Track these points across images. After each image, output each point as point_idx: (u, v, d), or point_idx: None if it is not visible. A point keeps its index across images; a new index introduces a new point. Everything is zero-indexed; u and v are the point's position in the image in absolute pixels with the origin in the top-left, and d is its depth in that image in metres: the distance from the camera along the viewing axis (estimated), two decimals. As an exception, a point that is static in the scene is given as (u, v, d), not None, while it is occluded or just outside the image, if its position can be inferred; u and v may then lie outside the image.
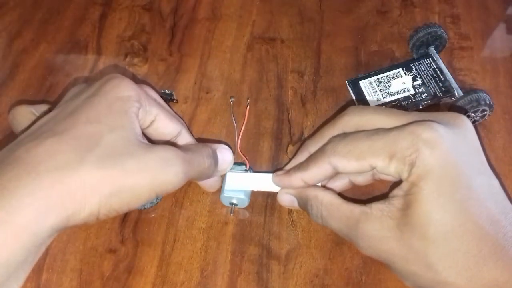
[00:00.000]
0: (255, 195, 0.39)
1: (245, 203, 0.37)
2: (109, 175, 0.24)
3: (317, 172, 0.31)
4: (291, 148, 0.42)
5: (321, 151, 0.30)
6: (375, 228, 0.27)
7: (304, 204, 0.33)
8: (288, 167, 0.35)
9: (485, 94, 0.40)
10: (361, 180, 0.34)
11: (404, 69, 0.41)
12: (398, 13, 0.51)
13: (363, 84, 0.42)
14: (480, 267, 0.24)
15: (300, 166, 0.32)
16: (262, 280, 0.35)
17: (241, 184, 0.36)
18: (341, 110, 0.44)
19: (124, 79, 0.28)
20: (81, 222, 0.24)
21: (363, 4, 0.52)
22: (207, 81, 0.46)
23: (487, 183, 0.27)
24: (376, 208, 0.28)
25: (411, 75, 0.41)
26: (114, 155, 0.24)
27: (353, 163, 0.28)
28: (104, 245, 0.37)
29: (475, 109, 0.39)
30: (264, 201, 0.39)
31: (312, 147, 0.33)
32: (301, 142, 0.42)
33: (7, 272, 0.21)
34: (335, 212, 0.30)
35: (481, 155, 0.28)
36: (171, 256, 0.36)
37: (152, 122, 0.31)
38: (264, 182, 0.36)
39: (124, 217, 0.38)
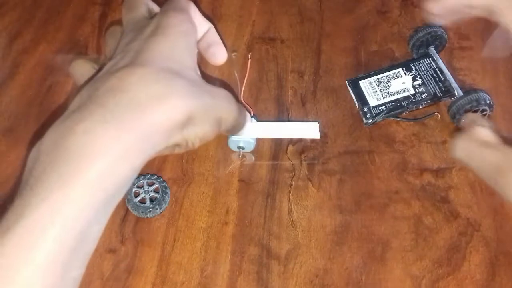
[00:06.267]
0: (255, 195, 0.39)
1: (252, 146, 0.40)
2: (195, 107, 0.25)
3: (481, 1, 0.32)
4: (291, 148, 0.42)
5: None
6: None
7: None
8: None
9: (485, 94, 0.40)
10: None
11: (404, 69, 0.41)
12: (398, 13, 0.51)
13: (363, 84, 0.42)
14: None
15: None
16: (262, 280, 0.35)
17: (249, 132, 0.38)
18: (340, 107, 0.44)
19: (179, 14, 0.29)
20: (176, 143, 0.25)
21: (363, 4, 0.52)
22: (207, 81, 0.46)
23: None
24: None
25: (411, 75, 0.41)
26: (193, 91, 0.25)
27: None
28: (104, 245, 0.37)
29: (475, 108, 0.39)
30: (264, 201, 0.39)
31: None
32: (301, 142, 0.42)
33: (126, 185, 0.22)
34: None
35: None
36: (171, 256, 0.36)
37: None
38: (269, 129, 0.38)
39: (124, 217, 0.38)
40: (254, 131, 0.39)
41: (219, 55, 0.33)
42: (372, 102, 0.41)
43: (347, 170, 0.41)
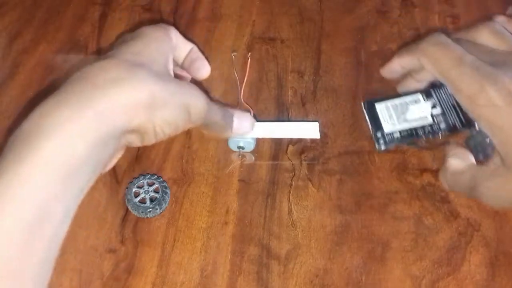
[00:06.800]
0: (255, 195, 0.39)
1: (252, 146, 0.40)
2: (158, 90, 0.26)
3: (409, 61, 0.35)
4: (291, 148, 0.42)
5: (417, 46, 0.34)
6: None
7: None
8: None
9: None
10: None
11: (423, 94, 0.38)
12: (398, 13, 0.51)
13: (379, 107, 0.39)
14: None
15: (400, 53, 0.36)
16: (262, 280, 0.35)
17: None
18: (340, 107, 0.44)
19: (153, 27, 0.31)
20: (140, 129, 0.26)
21: (363, 4, 0.52)
22: (207, 82, 0.46)
23: None
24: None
25: (431, 102, 0.38)
26: (157, 77, 0.27)
27: (435, 73, 0.33)
28: (104, 245, 0.37)
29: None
30: (264, 201, 0.39)
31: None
32: (301, 143, 0.42)
33: (79, 162, 0.23)
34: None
35: None
36: (171, 256, 0.36)
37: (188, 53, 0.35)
38: (269, 129, 0.39)
39: (124, 217, 0.38)
40: (254, 131, 0.39)
41: (203, 69, 0.35)
42: (387, 127, 0.38)
43: (347, 170, 0.41)
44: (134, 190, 0.39)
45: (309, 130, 0.40)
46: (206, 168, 0.41)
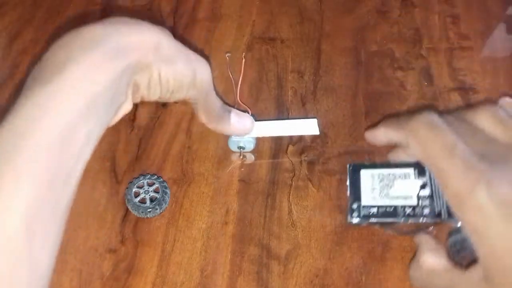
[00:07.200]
0: (255, 195, 0.39)
1: (252, 145, 0.40)
2: (165, 41, 0.28)
3: (396, 135, 0.32)
4: (291, 148, 0.42)
5: (406, 122, 0.31)
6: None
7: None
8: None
9: None
10: None
11: (416, 170, 0.34)
12: (398, 13, 0.51)
13: (364, 174, 0.35)
14: None
15: (388, 124, 0.33)
16: (262, 280, 0.35)
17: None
18: (340, 107, 0.44)
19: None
20: (147, 70, 0.27)
21: (363, 4, 0.52)
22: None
23: None
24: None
25: (421, 181, 0.33)
26: (166, 33, 0.28)
27: (422, 157, 0.30)
28: (104, 245, 0.37)
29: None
30: (264, 201, 0.39)
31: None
32: (301, 142, 0.42)
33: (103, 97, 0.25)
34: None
35: None
36: (171, 256, 0.36)
37: None
38: (268, 128, 0.39)
39: (124, 217, 0.38)
40: (253, 130, 0.39)
41: None
42: (365, 199, 0.34)
43: (347, 170, 0.40)
44: (134, 190, 0.39)
45: (308, 127, 0.40)
46: (206, 168, 0.41)
